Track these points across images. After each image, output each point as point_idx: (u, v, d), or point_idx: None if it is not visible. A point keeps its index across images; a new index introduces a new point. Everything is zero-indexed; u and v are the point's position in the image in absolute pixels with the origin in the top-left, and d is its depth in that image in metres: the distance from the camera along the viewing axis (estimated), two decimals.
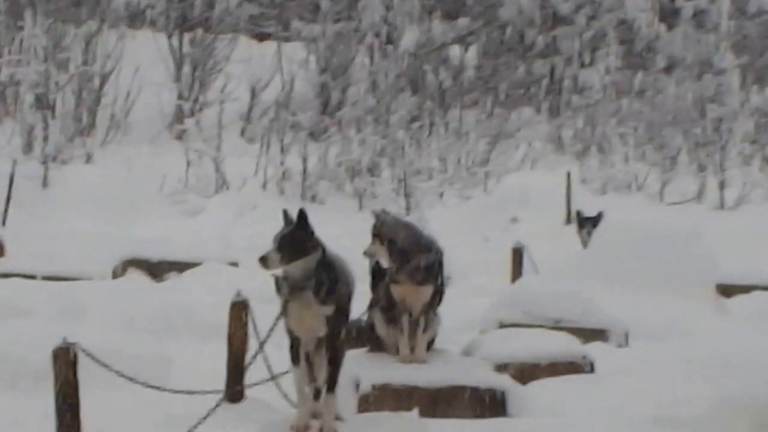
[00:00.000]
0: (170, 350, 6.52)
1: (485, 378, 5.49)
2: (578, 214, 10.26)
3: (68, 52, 16.10)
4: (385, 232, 5.50)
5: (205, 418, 5.05)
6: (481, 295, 8.24)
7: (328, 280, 4.62)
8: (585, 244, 9.74)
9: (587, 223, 9.89)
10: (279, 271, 4.64)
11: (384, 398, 5.27)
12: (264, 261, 4.54)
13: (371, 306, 5.71)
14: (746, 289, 8.97)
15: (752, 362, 5.86)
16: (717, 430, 5.25)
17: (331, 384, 4.68)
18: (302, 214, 4.61)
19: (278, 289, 4.74)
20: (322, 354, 4.73)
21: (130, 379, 5.18)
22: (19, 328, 6.54)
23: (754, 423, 5.27)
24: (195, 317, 7.29)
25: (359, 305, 5.38)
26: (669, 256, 8.35)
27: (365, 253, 5.56)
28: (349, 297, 4.75)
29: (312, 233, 4.62)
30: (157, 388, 5.28)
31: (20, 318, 7.05)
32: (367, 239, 5.56)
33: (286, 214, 4.68)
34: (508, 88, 19.27)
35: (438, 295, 5.66)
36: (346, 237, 10.24)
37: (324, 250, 4.65)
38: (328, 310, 4.63)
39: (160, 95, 16.19)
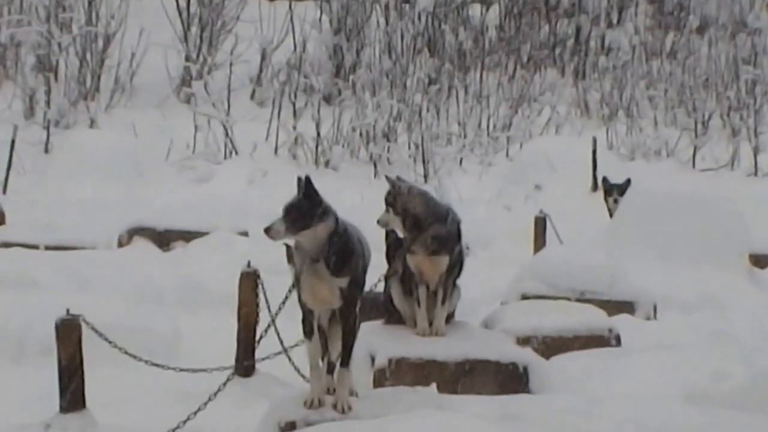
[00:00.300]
0: (178, 323, 6.41)
1: (507, 352, 5.35)
2: (605, 181, 10.04)
3: (71, 12, 15.76)
4: (399, 200, 5.40)
5: (215, 394, 4.91)
6: (502, 266, 8.07)
7: (341, 250, 4.44)
8: (612, 212, 9.53)
9: (614, 191, 9.67)
10: (290, 241, 4.43)
11: (401, 373, 5.15)
12: (269, 231, 4.37)
13: (387, 276, 5.54)
14: None
15: None
16: (750, 406, 5.10)
17: (346, 358, 4.52)
18: (308, 182, 4.43)
19: (290, 259, 4.58)
20: (336, 327, 4.57)
21: (134, 357, 5.04)
22: (21, 299, 6.44)
23: None
24: (203, 289, 7.18)
25: (374, 276, 5.21)
26: (700, 226, 8.16)
27: (379, 222, 5.44)
28: (364, 268, 4.59)
29: (320, 201, 4.43)
30: (162, 366, 5.15)
31: (22, 289, 6.95)
32: (383, 207, 5.37)
33: (299, 180, 4.48)
34: (531, 50, 18.82)
35: (457, 266, 5.55)
36: (361, 204, 10.05)
37: (337, 219, 4.47)
38: (342, 281, 4.45)
39: (166, 57, 15.84)
